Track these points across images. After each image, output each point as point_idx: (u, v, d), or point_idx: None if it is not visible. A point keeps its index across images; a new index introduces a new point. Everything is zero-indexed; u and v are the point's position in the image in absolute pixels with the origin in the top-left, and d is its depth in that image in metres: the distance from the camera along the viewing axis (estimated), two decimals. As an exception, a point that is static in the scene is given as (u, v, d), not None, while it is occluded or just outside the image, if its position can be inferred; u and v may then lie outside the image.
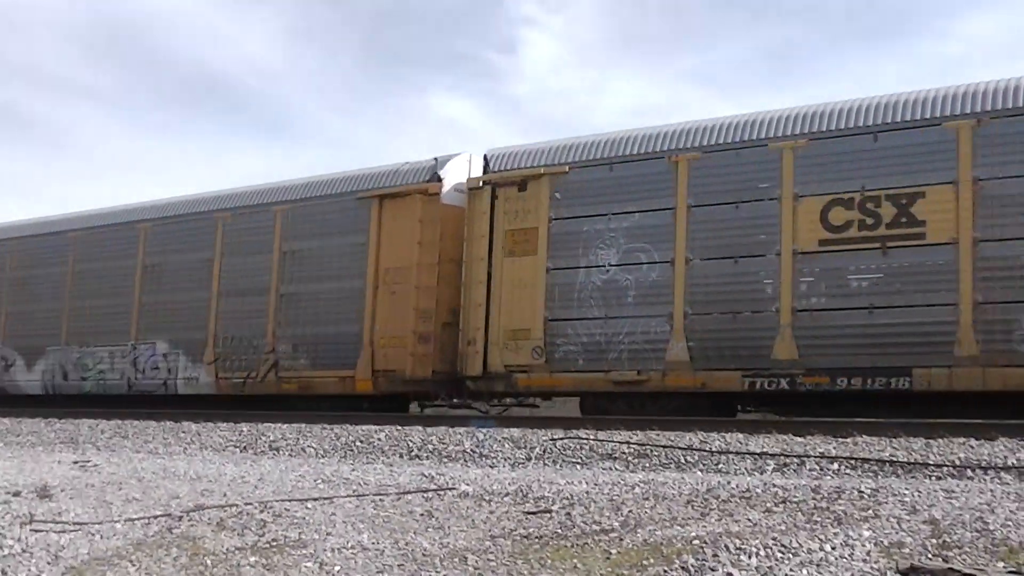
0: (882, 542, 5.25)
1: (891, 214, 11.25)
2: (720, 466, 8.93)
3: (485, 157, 14.32)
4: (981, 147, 10.89)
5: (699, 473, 8.62)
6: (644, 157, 12.82)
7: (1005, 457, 8.30)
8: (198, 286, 16.87)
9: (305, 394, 15.24)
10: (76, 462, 10.71)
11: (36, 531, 6.80)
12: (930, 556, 4.98)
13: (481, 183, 13.95)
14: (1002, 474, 7.87)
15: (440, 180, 14.35)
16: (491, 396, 14.04)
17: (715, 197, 12.32)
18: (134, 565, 5.98)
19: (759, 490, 6.96)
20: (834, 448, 9.07)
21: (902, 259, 11.12)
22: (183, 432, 13.09)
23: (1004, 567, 4.68)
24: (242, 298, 16.23)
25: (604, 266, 12.85)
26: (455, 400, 14.55)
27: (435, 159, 14.75)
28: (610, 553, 5.47)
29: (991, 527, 5.41)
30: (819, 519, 5.89)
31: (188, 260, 17.19)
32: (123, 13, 54.70)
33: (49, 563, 6.08)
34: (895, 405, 11.26)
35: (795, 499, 6.54)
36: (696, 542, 5.47)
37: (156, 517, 7.12)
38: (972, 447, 8.73)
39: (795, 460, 8.78)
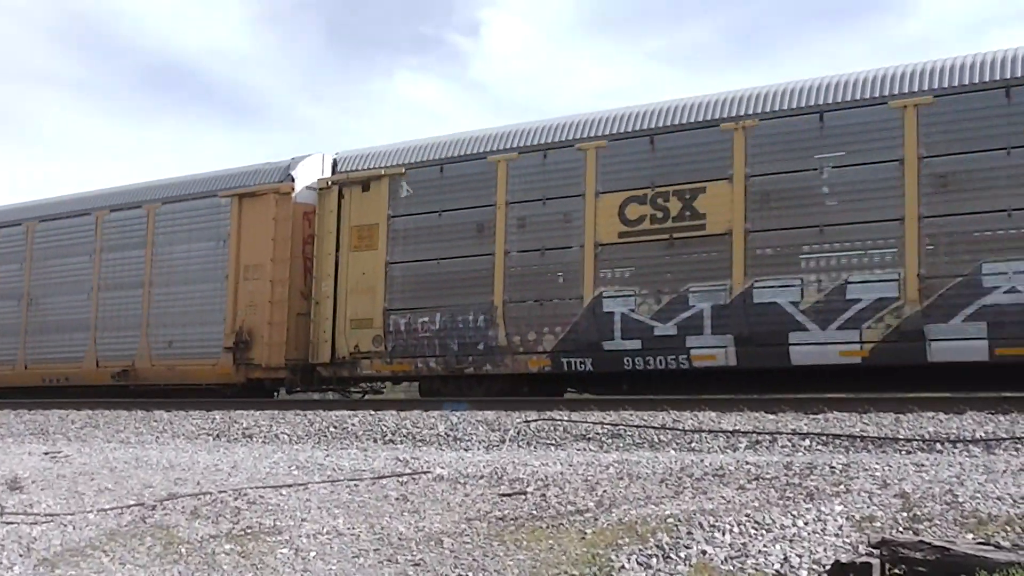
0: (854, 516, 5.31)
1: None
2: (693, 444, 8.98)
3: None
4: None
5: (673, 452, 8.67)
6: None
7: (973, 430, 8.40)
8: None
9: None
10: (47, 453, 10.62)
11: (7, 523, 6.75)
12: (901, 529, 5.04)
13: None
14: (970, 447, 7.96)
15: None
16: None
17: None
18: (108, 555, 5.95)
19: (732, 467, 7.01)
20: (806, 424, 9.14)
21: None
22: (155, 421, 13.00)
23: (973, 538, 4.74)
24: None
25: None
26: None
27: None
28: (585, 533, 5.49)
29: (960, 499, 5.48)
30: (792, 495, 5.94)
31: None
32: (88, 1, 54.03)
33: (21, 555, 6.03)
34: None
35: (768, 476, 6.59)
36: (670, 520, 5.50)
37: (129, 507, 7.08)
38: (941, 421, 8.82)
39: (767, 437, 8.85)
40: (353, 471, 8.09)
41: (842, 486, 6.05)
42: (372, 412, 11.86)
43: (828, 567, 4.53)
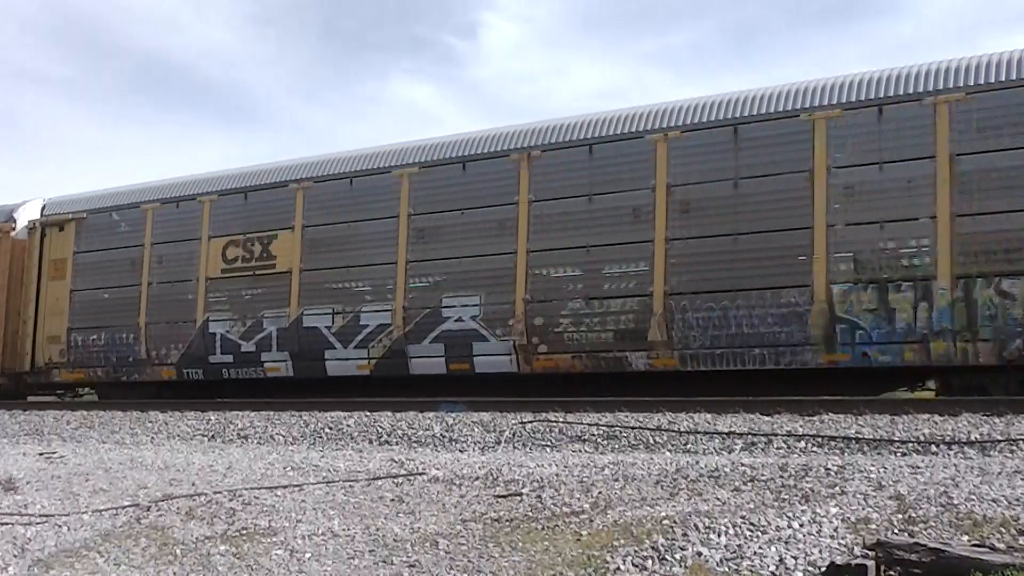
0: (849, 518, 5.31)
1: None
2: (689, 446, 8.98)
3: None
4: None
5: (668, 454, 8.67)
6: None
7: (968, 432, 8.41)
8: None
9: None
10: (42, 454, 10.60)
11: (1, 524, 6.73)
12: (896, 531, 5.05)
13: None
14: (966, 449, 7.97)
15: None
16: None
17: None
18: (103, 556, 5.94)
19: (727, 469, 7.01)
20: (801, 426, 9.15)
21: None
22: (150, 422, 12.99)
23: (969, 540, 4.75)
24: None
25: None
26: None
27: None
28: (580, 535, 5.49)
29: (955, 501, 5.48)
30: (787, 497, 5.94)
31: None
32: (79, 1, 53.95)
33: (16, 556, 6.02)
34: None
35: (763, 477, 6.59)
36: (666, 522, 5.50)
37: (124, 508, 7.07)
38: (936, 423, 8.83)
39: (763, 439, 8.86)
40: (348, 472, 8.09)
41: (837, 488, 6.06)
42: (367, 413, 11.84)
43: (823, 569, 4.53)
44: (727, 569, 4.74)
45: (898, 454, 8.03)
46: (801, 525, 5.23)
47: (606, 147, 12.68)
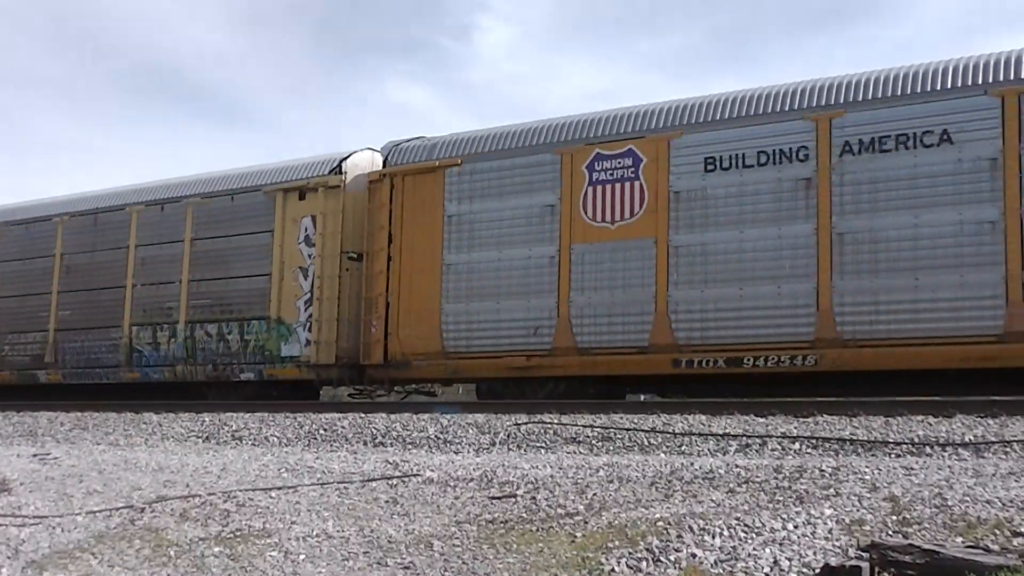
0: (843, 520, 5.31)
1: None
2: (683, 448, 8.99)
3: None
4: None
5: (663, 455, 8.67)
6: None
7: (963, 434, 8.42)
8: None
9: None
10: (35, 455, 10.57)
11: (-5, 525, 6.71)
12: (891, 533, 5.05)
13: None
14: (960, 451, 7.98)
15: None
16: None
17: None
18: (96, 558, 5.93)
19: (722, 471, 7.01)
20: (795, 428, 9.16)
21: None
22: (144, 423, 12.97)
23: (963, 542, 4.75)
24: None
25: None
26: None
27: None
28: (575, 536, 5.49)
29: (950, 503, 5.49)
30: (781, 498, 5.95)
31: None
32: (70, 1, 53.82)
33: (9, 557, 6.01)
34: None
35: (758, 479, 6.60)
36: (660, 524, 5.50)
37: (118, 509, 7.06)
38: (930, 425, 8.84)
39: (757, 440, 8.86)
40: (343, 474, 8.08)
41: (832, 489, 6.06)
42: (362, 415, 11.84)
43: (818, 570, 4.53)
44: (721, 571, 4.74)
45: (892, 456, 8.04)
46: (796, 527, 5.23)
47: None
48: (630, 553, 5.06)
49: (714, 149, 12.14)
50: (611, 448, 9.25)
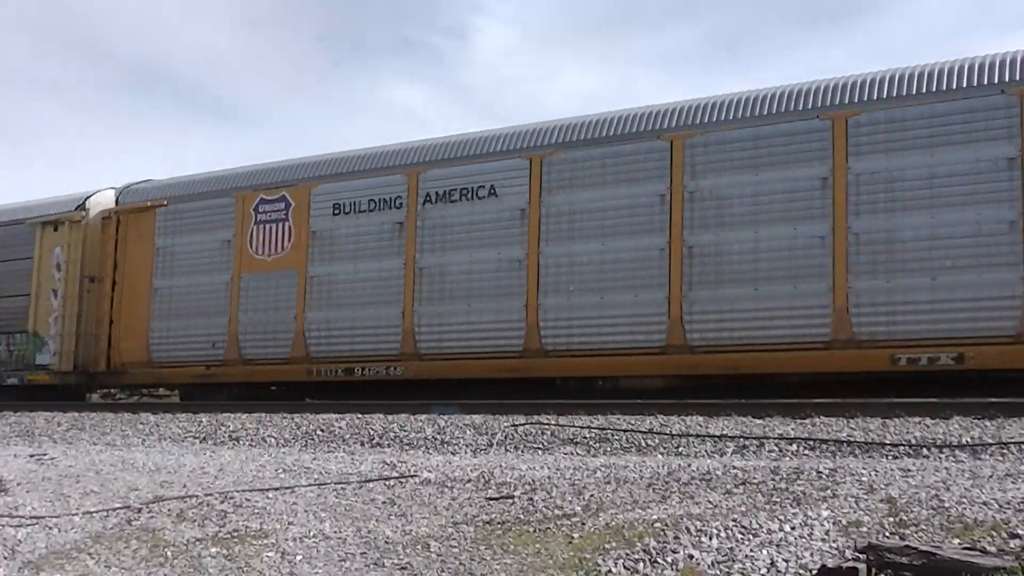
0: (840, 521, 5.32)
1: None
2: (681, 449, 8.99)
3: None
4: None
5: (660, 456, 8.67)
6: None
7: (960, 436, 8.43)
8: None
9: None
10: (32, 455, 10.57)
11: (-8, 526, 6.70)
12: (888, 534, 5.05)
13: None
14: (956, 452, 7.99)
15: None
16: None
17: None
18: (93, 558, 5.92)
19: (719, 472, 7.02)
20: (792, 429, 9.16)
21: None
22: (141, 423, 12.96)
23: (960, 543, 4.75)
24: None
25: None
26: None
27: None
28: (572, 537, 5.49)
29: (947, 504, 5.49)
30: (778, 500, 5.95)
31: None
32: (69, 2, 53.78)
33: (5, 558, 6.00)
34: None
35: (755, 480, 6.60)
36: (658, 525, 5.51)
37: (115, 509, 7.05)
38: (927, 426, 8.85)
39: (754, 442, 8.87)
40: (340, 474, 8.07)
41: (829, 491, 6.06)
42: (359, 415, 11.83)
43: (815, 572, 4.53)
44: (718, 572, 4.74)
45: (889, 457, 8.05)
46: (792, 528, 5.23)
47: None
48: (627, 554, 5.06)
49: (339, 197, 14.71)
50: (608, 449, 9.25)
